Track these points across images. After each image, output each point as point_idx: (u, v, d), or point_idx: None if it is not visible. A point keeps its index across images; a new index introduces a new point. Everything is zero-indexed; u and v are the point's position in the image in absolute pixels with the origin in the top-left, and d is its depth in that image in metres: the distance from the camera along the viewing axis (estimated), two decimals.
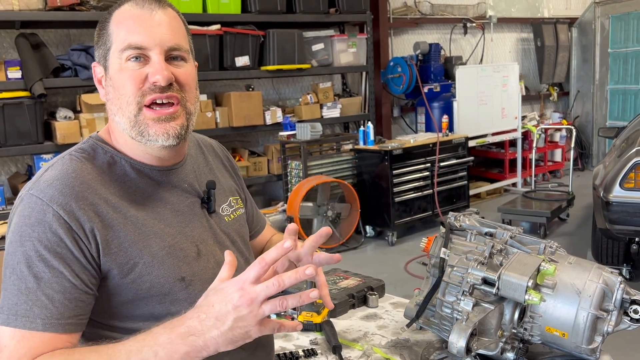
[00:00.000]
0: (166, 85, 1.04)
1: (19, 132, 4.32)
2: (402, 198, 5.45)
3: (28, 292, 0.95)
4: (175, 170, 1.15)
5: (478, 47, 7.67)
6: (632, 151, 3.86)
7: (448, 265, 1.43)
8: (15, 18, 4.25)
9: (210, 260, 1.14)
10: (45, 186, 1.00)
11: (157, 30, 1.05)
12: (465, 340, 1.24)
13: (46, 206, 0.97)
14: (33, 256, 0.95)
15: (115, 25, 1.06)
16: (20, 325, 0.94)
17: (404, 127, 7.22)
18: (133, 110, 1.04)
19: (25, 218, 0.98)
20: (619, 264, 4.14)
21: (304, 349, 1.53)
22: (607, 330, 1.28)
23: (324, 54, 5.85)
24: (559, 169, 7.96)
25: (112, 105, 1.07)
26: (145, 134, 1.05)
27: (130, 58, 1.04)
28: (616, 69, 7.74)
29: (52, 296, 0.95)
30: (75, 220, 0.98)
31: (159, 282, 1.05)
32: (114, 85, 1.06)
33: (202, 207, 1.18)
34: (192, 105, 1.10)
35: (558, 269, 1.32)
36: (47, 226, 0.96)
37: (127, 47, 1.04)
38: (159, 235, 1.07)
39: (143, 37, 1.04)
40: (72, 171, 1.03)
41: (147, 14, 1.05)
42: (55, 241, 0.96)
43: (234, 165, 1.37)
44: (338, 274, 2.01)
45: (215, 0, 5.03)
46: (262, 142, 6.01)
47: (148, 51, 1.04)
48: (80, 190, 1.00)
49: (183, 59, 1.09)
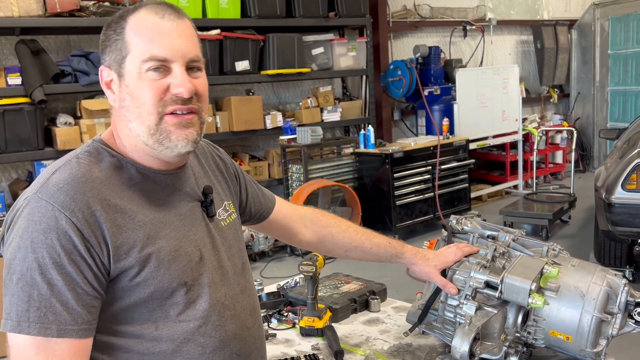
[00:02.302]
0: (188, 97, 1.06)
1: (20, 139, 4.31)
2: (404, 201, 5.45)
3: (41, 299, 0.94)
4: (178, 175, 1.15)
5: (478, 50, 7.67)
6: (633, 152, 3.85)
7: (450, 269, 1.42)
8: (15, 24, 4.26)
9: (210, 265, 1.14)
10: (55, 190, 0.99)
11: (178, 42, 1.06)
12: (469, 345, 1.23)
13: (58, 212, 0.96)
14: (47, 263, 0.95)
15: (134, 34, 1.05)
16: (34, 332, 0.94)
17: (404, 130, 7.22)
18: (154, 119, 1.05)
19: (35, 223, 0.96)
20: (622, 266, 4.13)
21: (306, 355, 1.52)
22: (612, 333, 1.27)
23: (324, 57, 5.86)
24: (560, 171, 7.95)
25: (129, 112, 1.07)
26: (166, 141, 1.06)
27: (151, 68, 1.04)
28: (616, 71, 7.74)
29: (67, 303, 0.96)
30: (87, 227, 0.98)
31: (162, 287, 1.05)
32: (132, 93, 1.06)
33: (202, 212, 1.18)
34: (205, 114, 1.13)
35: (561, 272, 1.31)
36: (60, 233, 0.96)
37: (150, 58, 1.04)
38: (166, 239, 1.07)
39: (166, 50, 1.04)
40: (82, 175, 1.02)
41: (169, 25, 1.06)
42: (69, 248, 0.96)
43: (226, 162, 1.35)
44: (340, 278, 2.00)
45: (215, 5, 5.03)
46: (263, 146, 6.01)
47: (170, 63, 1.05)
48: (91, 195, 1.00)
49: (200, 69, 1.10)
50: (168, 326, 1.06)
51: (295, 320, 1.75)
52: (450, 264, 1.41)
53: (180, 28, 1.07)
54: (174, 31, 1.06)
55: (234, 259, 1.21)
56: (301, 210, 1.51)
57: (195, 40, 1.10)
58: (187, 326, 1.08)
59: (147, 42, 1.04)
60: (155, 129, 1.05)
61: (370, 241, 1.48)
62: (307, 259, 1.67)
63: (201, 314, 1.09)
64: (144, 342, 1.05)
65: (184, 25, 1.08)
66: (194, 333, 1.08)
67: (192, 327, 1.08)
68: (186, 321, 1.08)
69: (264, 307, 1.83)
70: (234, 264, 1.20)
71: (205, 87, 1.11)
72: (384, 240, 1.50)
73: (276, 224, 1.46)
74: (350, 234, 1.48)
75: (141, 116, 1.05)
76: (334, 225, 1.49)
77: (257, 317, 1.25)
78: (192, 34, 1.10)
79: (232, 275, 1.18)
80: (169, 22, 1.06)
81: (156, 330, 1.06)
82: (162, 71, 1.05)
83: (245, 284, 1.22)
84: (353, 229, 1.50)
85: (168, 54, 1.04)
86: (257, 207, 1.41)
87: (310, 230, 1.48)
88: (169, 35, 1.05)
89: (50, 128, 4.56)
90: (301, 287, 1.93)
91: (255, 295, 1.28)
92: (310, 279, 1.66)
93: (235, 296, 1.17)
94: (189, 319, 1.08)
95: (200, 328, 1.09)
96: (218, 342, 1.11)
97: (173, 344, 1.06)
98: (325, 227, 1.49)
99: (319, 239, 1.49)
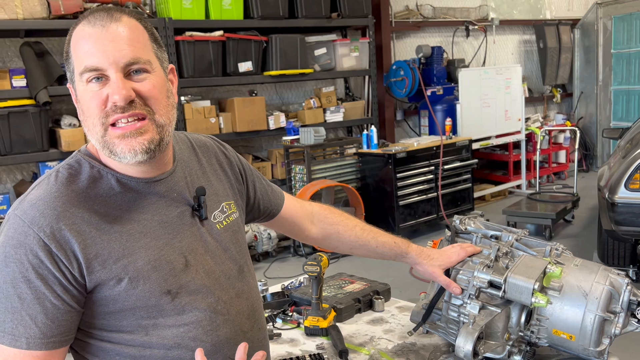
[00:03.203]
0: (126, 104, 1.01)
1: (24, 140, 4.34)
2: (407, 201, 5.45)
3: (13, 311, 0.97)
4: (162, 181, 1.12)
5: (480, 50, 7.67)
6: (636, 152, 3.85)
7: (454, 269, 1.43)
8: (19, 27, 4.28)
9: (199, 271, 1.12)
10: (28, 207, 1.01)
11: (110, 47, 1.01)
12: (472, 344, 1.23)
13: (27, 228, 0.98)
14: (17, 277, 0.97)
15: (73, 47, 1.04)
16: (7, 342, 0.97)
17: (407, 131, 7.22)
18: (99, 131, 1.03)
19: (9, 239, 0.99)
20: (626, 266, 4.12)
21: (311, 354, 1.53)
22: (615, 332, 1.27)
23: (327, 58, 5.87)
24: (563, 170, 7.94)
25: (85, 126, 1.06)
26: (115, 153, 1.04)
27: (91, 79, 1.02)
28: (619, 70, 7.72)
29: (35, 317, 0.97)
30: (55, 242, 0.99)
31: (144, 296, 1.05)
32: (82, 107, 1.05)
33: (193, 216, 1.15)
34: (162, 116, 1.06)
35: (564, 272, 1.32)
36: (28, 249, 0.98)
37: (85, 70, 1.02)
38: (145, 249, 1.06)
39: (97, 58, 1.01)
40: (56, 191, 1.03)
41: (99, 31, 1.01)
42: (37, 263, 0.97)
43: (231, 160, 1.32)
44: (344, 279, 2.01)
45: (218, 7, 5.05)
46: (266, 147, 6.03)
47: (105, 71, 1.01)
48: (61, 210, 1.01)
49: (145, 70, 1.04)
50: (158, 332, 1.06)
51: (299, 320, 1.76)
52: (454, 264, 1.42)
53: (112, 32, 1.02)
54: (104, 37, 1.01)
55: (230, 262, 1.19)
56: (309, 206, 1.50)
57: (135, 41, 1.03)
58: (177, 331, 1.07)
59: (82, 54, 1.02)
60: (102, 141, 1.03)
61: (376, 240, 1.49)
62: (312, 259, 1.68)
63: (191, 319, 1.09)
64: (135, 347, 1.06)
65: (118, 27, 1.02)
66: (184, 338, 1.08)
67: (182, 332, 1.08)
68: (176, 326, 1.07)
69: (269, 307, 1.84)
70: (229, 268, 1.18)
71: (153, 88, 1.05)
72: (390, 239, 1.50)
73: (284, 221, 1.46)
74: (356, 232, 1.49)
75: (90, 129, 1.04)
76: (340, 223, 1.49)
77: (257, 320, 1.23)
78: (132, 35, 1.03)
79: (226, 280, 1.16)
80: (99, 29, 1.02)
81: (146, 336, 1.06)
82: (102, 81, 1.02)
83: (242, 287, 1.20)
84: (360, 227, 1.50)
85: (99, 63, 1.01)
86: (265, 204, 1.40)
87: (317, 227, 1.49)
88: (99, 43, 1.01)
89: (54, 129, 4.59)
90: (305, 287, 1.94)
91: (256, 297, 1.26)
92: (315, 279, 1.67)
93: (230, 300, 1.15)
94: (178, 324, 1.08)
95: (190, 333, 1.08)
96: (210, 347, 1.10)
97: (164, 349, 1.07)
98: (332, 224, 1.49)
99: (325, 236, 1.49)
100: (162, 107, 1.07)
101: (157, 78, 1.06)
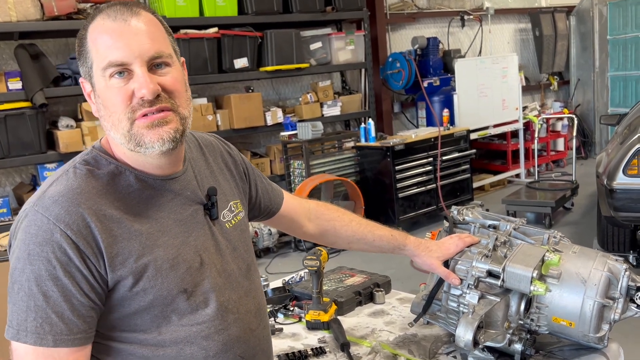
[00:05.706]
0: (154, 98, 1.02)
1: (22, 143, 4.33)
2: (406, 193, 5.46)
3: (37, 310, 0.96)
4: (177, 179, 1.13)
5: (476, 40, 7.65)
6: (634, 137, 3.85)
7: (453, 259, 1.43)
8: (13, 29, 4.27)
9: (212, 270, 1.13)
10: (51, 203, 0.99)
11: (135, 41, 1.01)
12: (473, 333, 1.24)
13: (53, 225, 0.97)
14: (43, 275, 0.96)
15: (92, 42, 1.03)
16: (31, 341, 0.96)
17: (405, 123, 7.22)
18: (126, 126, 1.03)
19: (32, 236, 0.98)
20: (626, 251, 4.13)
21: (313, 348, 1.54)
22: (614, 318, 1.28)
23: (322, 52, 5.85)
24: (561, 158, 7.95)
25: (105, 122, 1.06)
26: (142, 144, 1.04)
27: (114, 74, 1.02)
28: (616, 56, 7.71)
29: (62, 314, 0.97)
30: (82, 239, 0.98)
31: (161, 295, 1.05)
32: (104, 103, 1.04)
33: (204, 215, 1.16)
34: (184, 109, 1.08)
35: (562, 259, 1.33)
36: (55, 246, 0.97)
37: (108, 65, 1.01)
38: (163, 248, 1.07)
39: (122, 52, 1.01)
40: (77, 186, 1.02)
41: (122, 25, 1.02)
42: (65, 261, 0.97)
43: (236, 159, 1.34)
44: (344, 272, 2.02)
45: (212, 3, 5.03)
46: (264, 143, 6.02)
47: (130, 65, 1.01)
48: (86, 207, 1.00)
49: (167, 64, 1.05)
50: (171, 331, 1.07)
51: (301, 315, 1.77)
52: (452, 255, 1.43)
53: (134, 27, 1.02)
54: (127, 31, 1.01)
55: (239, 261, 1.20)
56: (306, 204, 1.52)
57: (156, 35, 1.04)
58: (189, 330, 1.08)
59: (104, 48, 1.01)
60: (129, 135, 1.03)
61: (373, 234, 1.50)
62: (311, 253, 1.68)
63: (204, 318, 1.09)
64: (147, 347, 1.06)
65: (139, 21, 1.03)
66: (196, 337, 1.09)
67: (194, 331, 1.08)
68: (189, 325, 1.08)
69: (270, 303, 1.84)
70: (239, 267, 1.20)
71: (175, 82, 1.06)
72: (387, 232, 1.51)
73: (283, 219, 1.47)
74: (353, 227, 1.50)
75: (115, 125, 1.04)
76: (337, 219, 1.50)
77: (263, 317, 1.24)
78: (153, 29, 1.04)
79: (236, 278, 1.18)
80: (121, 23, 1.02)
81: (159, 335, 1.06)
82: (125, 76, 1.02)
83: (249, 285, 1.21)
84: (356, 221, 1.51)
85: (124, 57, 1.01)
86: (266, 203, 1.41)
87: (314, 224, 1.50)
88: (123, 37, 1.01)
89: (52, 131, 4.58)
90: (306, 282, 1.95)
91: (262, 296, 1.27)
92: (315, 273, 1.68)
93: (239, 299, 1.17)
94: (191, 324, 1.08)
95: (203, 332, 1.09)
96: (221, 346, 1.11)
97: (176, 348, 1.07)
98: (328, 220, 1.50)
99: (322, 233, 1.51)
100: (184, 100, 1.08)
101: (177, 71, 1.08)
